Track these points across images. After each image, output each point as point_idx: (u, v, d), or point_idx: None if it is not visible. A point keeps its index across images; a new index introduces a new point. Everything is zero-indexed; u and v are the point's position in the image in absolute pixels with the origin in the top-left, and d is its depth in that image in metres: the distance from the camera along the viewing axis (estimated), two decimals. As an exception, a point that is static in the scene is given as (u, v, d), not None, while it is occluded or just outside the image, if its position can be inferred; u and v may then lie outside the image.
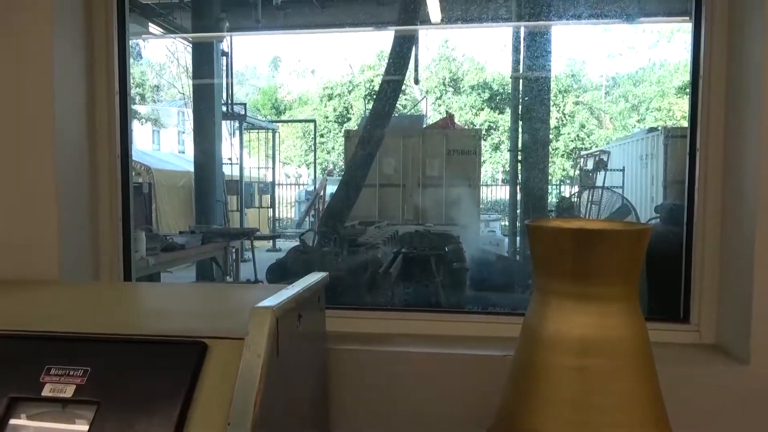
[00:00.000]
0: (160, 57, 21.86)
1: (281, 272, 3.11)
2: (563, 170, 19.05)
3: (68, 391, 0.90)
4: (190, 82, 10.55)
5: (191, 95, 10.34)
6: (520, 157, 8.65)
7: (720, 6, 1.35)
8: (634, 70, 22.05)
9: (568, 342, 0.95)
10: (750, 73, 1.26)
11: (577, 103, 20.18)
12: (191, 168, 9.96)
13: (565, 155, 19.74)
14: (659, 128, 11.46)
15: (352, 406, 1.35)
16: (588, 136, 19.84)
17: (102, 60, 1.52)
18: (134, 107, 21.54)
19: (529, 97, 8.32)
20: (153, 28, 9.22)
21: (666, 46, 22.24)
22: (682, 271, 1.42)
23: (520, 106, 8.70)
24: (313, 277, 1.20)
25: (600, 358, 0.94)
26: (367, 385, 1.34)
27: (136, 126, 22.11)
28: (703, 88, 1.37)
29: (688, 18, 1.47)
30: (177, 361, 0.92)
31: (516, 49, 8.64)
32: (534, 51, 8.15)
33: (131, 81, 1.56)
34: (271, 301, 0.95)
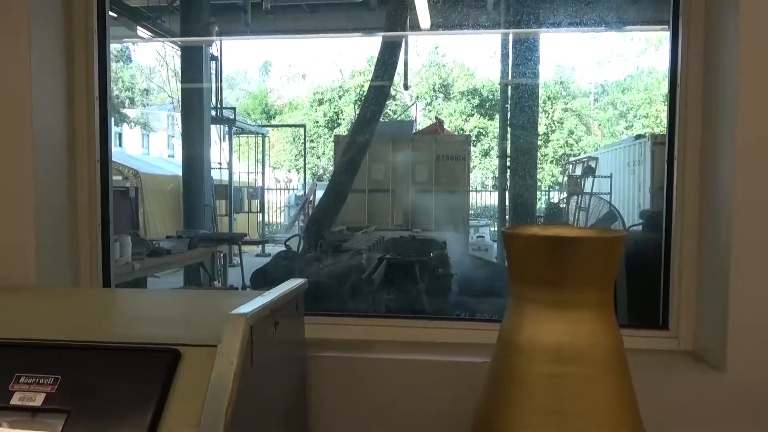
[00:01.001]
0: (150, 61, 21.80)
1: (265, 278, 3.07)
2: (552, 176, 19.17)
3: (38, 400, 0.89)
4: (180, 86, 10.52)
5: (180, 99, 10.31)
6: (508, 163, 8.70)
7: (696, 15, 1.36)
8: (623, 77, 22.29)
9: (543, 349, 0.95)
10: (725, 81, 1.27)
11: (565, 110, 20.32)
12: (180, 172, 9.90)
13: (554, 161, 19.86)
14: (647, 135, 11.57)
15: (331, 414, 1.34)
16: (576, 143, 19.98)
17: (82, 63, 1.51)
18: (124, 111, 21.49)
19: (518, 104, 8.37)
20: (141, 31, 9.17)
21: (654, 54, 22.50)
22: (661, 278, 1.43)
23: (508, 113, 8.76)
24: (292, 284, 1.20)
25: (574, 366, 0.95)
26: (347, 392, 1.34)
27: (125, 130, 22.01)
28: (680, 96, 1.39)
29: (667, 27, 1.48)
30: (149, 368, 0.92)
31: (505, 56, 8.70)
32: (522, 58, 8.21)
33: (121, 84, 1.54)
34: (246, 308, 0.95)
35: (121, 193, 5.89)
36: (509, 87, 8.71)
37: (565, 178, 14.22)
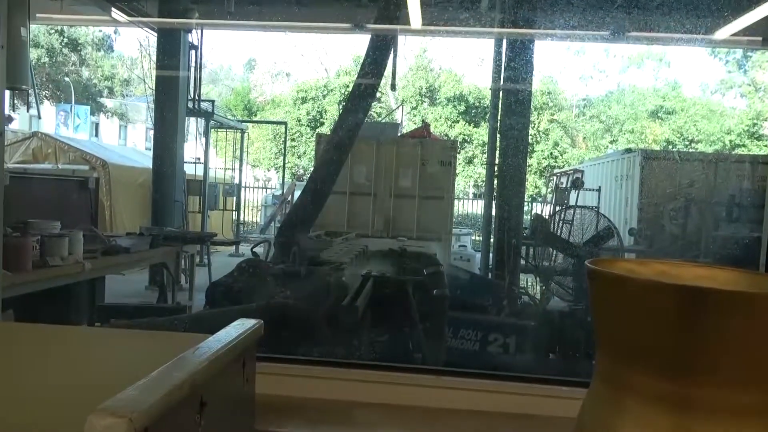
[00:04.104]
0: (132, 51, 21.19)
1: (224, 294, 2.60)
2: (535, 187, 18.96)
3: None
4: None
5: (154, 87, 9.79)
6: (496, 171, 8.39)
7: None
8: (604, 93, 22.40)
9: (662, 482, 0.55)
10: None
11: (551, 121, 20.17)
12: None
13: (538, 173, 19.68)
14: (635, 149, 11.36)
15: None
16: (561, 155, 19.82)
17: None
18: (101, 100, 20.82)
19: (509, 110, 8.05)
20: (116, 14, 8.62)
21: (635, 72, 22.68)
22: None
23: (498, 119, 8.43)
24: (236, 330, 0.77)
25: None
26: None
27: (102, 120, 21.33)
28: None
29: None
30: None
31: (497, 61, 8.38)
32: (516, 62, 7.88)
33: (101, 74, 1.09)
34: (137, 393, 0.52)
35: (78, 184, 5.35)
36: (500, 92, 8.38)
37: (549, 190, 13.96)
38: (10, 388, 0.70)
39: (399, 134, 10.43)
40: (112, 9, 8.25)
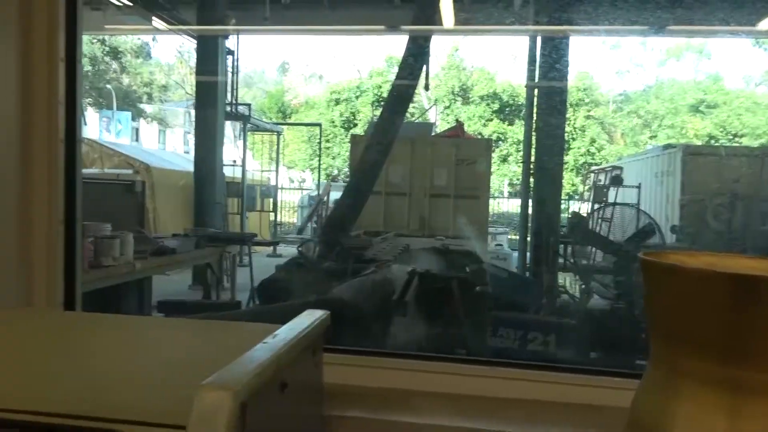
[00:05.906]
0: (170, 57, 21.79)
1: (276, 290, 2.69)
2: (572, 185, 18.68)
3: None
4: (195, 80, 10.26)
5: (194, 93, 10.05)
6: (532, 169, 8.32)
7: None
8: (642, 87, 21.90)
9: (717, 459, 0.58)
10: None
11: (588, 117, 19.83)
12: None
13: (575, 170, 19.38)
14: (677, 145, 11.11)
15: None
16: (598, 151, 19.47)
17: (42, 17, 1.16)
18: (141, 106, 21.45)
19: (545, 107, 7.97)
20: (156, 22, 8.90)
21: (675, 65, 22.09)
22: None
23: (534, 116, 8.36)
24: (308, 319, 0.84)
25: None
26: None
27: (142, 125, 21.98)
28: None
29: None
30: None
31: (532, 58, 8.31)
32: (552, 59, 7.81)
33: (140, 80, 1.18)
34: (235, 371, 0.59)
35: (126, 187, 5.58)
36: (535, 89, 8.31)
37: (587, 187, 13.77)
38: (112, 370, 0.78)
39: (433, 134, 10.44)
40: (153, 18, 8.53)
